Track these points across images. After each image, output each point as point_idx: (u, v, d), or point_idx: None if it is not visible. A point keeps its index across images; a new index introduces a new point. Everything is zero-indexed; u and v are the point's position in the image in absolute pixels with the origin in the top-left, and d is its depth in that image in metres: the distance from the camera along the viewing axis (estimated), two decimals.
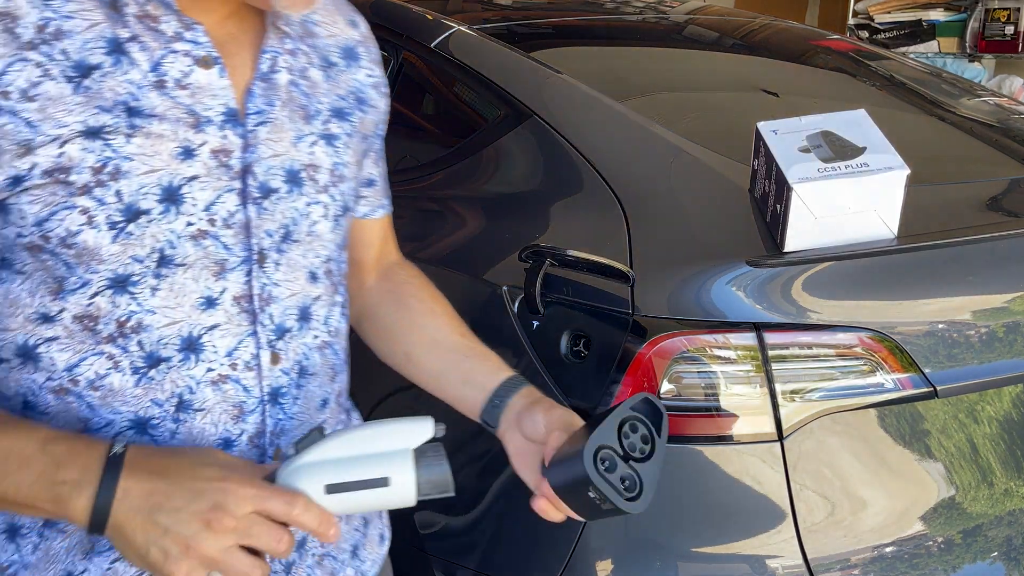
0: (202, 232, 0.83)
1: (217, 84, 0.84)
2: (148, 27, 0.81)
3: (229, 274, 0.86)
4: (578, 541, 1.30)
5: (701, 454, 1.28)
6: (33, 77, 0.76)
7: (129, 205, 0.79)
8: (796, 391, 1.28)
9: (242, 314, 0.87)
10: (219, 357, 0.87)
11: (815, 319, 1.29)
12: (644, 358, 1.27)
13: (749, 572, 1.27)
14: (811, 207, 1.26)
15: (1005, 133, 1.97)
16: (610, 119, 1.63)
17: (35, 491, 0.75)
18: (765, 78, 2.09)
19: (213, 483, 0.75)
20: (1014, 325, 1.38)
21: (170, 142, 0.81)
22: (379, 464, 0.79)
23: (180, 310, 0.84)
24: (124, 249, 0.80)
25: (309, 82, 0.94)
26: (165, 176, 0.81)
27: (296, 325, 0.92)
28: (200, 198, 0.83)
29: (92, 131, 0.78)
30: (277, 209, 0.88)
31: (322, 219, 0.93)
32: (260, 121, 0.87)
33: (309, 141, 0.92)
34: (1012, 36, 4.95)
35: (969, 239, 1.37)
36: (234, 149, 0.85)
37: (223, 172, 0.84)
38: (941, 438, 1.34)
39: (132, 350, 0.83)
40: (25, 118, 0.76)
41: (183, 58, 0.82)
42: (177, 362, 0.85)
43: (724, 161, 1.51)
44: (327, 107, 0.95)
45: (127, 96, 0.80)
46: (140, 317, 0.83)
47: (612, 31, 2.26)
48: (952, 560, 1.33)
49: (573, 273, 1.40)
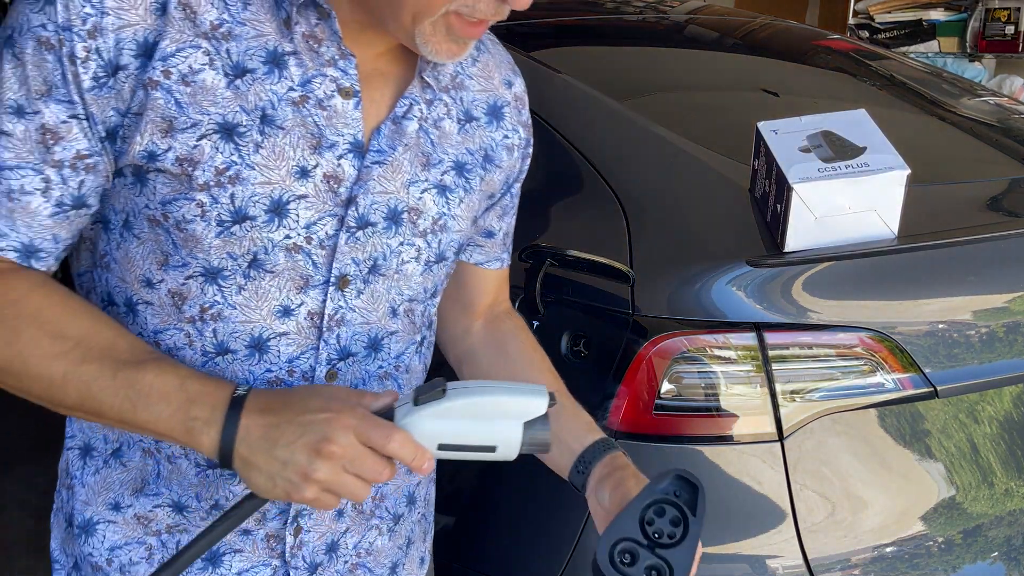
0: (297, 247, 0.90)
1: (351, 115, 0.89)
2: (310, 47, 0.87)
3: (310, 290, 0.92)
4: (578, 541, 1.30)
5: (701, 454, 1.28)
6: (196, 64, 0.83)
7: (239, 209, 0.86)
8: (796, 391, 1.28)
9: (312, 329, 0.94)
10: (280, 361, 0.93)
11: (815, 319, 1.29)
12: (644, 358, 1.27)
13: (749, 572, 1.27)
14: (811, 207, 1.26)
15: (1005, 133, 1.96)
16: (610, 119, 1.63)
17: (172, 424, 0.82)
18: (765, 78, 2.09)
19: (319, 415, 0.81)
20: (1014, 325, 1.38)
21: (290, 160, 0.87)
22: (491, 432, 0.82)
23: (258, 312, 0.91)
24: (224, 245, 0.87)
25: (439, 132, 0.97)
26: (277, 190, 0.87)
27: (363, 352, 0.97)
28: (303, 216, 0.89)
29: (228, 127, 0.84)
30: (370, 242, 0.93)
31: (412, 260, 0.97)
32: (378, 160, 0.92)
33: (421, 187, 0.96)
34: (1012, 36, 4.95)
35: (969, 239, 1.37)
36: (345, 179, 0.90)
37: (330, 197, 0.90)
38: (941, 438, 1.34)
39: (206, 335, 0.91)
40: (176, 98, 0.82)
41: (329, 83, 0.88)
42: (242, 356, 0.92)
43: (724, 161, 1.51)
44: (451, 159, 0.98)
45: (267, 103, 0.86)
46: (221, 308, 0.90)
47: (612, 31, 2.26)
48: (952, 560, 1.33)
49: (573, 273, 1.40)
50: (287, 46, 0.86)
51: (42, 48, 0.80)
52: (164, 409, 0.82)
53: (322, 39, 0.87)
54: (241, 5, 0.85)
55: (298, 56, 0.87)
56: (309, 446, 0.80)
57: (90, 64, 0.80)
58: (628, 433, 1.28)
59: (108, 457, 0.99)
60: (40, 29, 0.80)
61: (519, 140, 1.06)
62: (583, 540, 1.30)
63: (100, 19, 0.80)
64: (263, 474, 0.81)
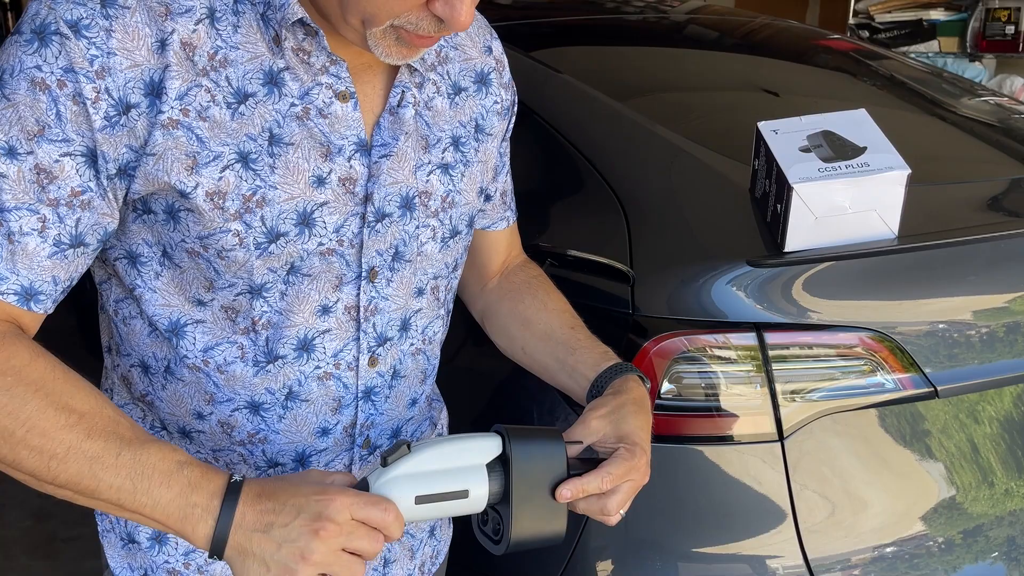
0: (330, 251, 0.94)
1: (351, 116, 0.92)
2: (301, 60, 0.90)
3: (345, 287, 0.97)
4: (578, 541, 1.30)
5: (701, 454, 1.28)
6: (204, 102, 0.86)
7: (271, 229, 0.90)
8: (796, 391, 1.28)
9: (351, 322, 0.99)
10: (327, 357, 0.99)
11: (815, 319, 1.29)
12: (644, 358, 1.27)
13: (749, 572, 1.27)
14: (811, 207, 1.26)
15: (1005, 133, 1.96)
16: (610, 119, 1.63)
17: (169, 510, 0.81)
18: (765, 78, 2.09)
19: (313, 497, 0.82)
20: (1014, 325, 1.38)
21: (304, 172, 0.91)
22: (459, 478, 0.88)
23: (300, 315, 0.96)
24: (264, 263, 0.92)
25: (433, 112, 1.01)
26: (300, 203, 0.91)
27: (397, 335, 1.03)
28: (329, 222, 0.93)
29: (243, 156, 0.88)
30: (389, 232, 0.98)
31: (430, 240, 1.02)
32: (384, 154, 0.95)
33: (427, 171, 1.00)
34: (1013, 36, 4.95)
35: (969, 239, 1.37)
36: (359, 178, 0.94)
37: (349, 199, 0.94)
38: (942, 438, 1.34)
39: (259, 344, 0.96)
40: (198, 134, 0.86)
41: (326, 90, 0.91)
42: (291, 360, 0.97)
43: (724, 161, 1.51)
44: (448, 135, 1.03)
45: (272, 123, 0.89)
46: (270, 317, 0.95)
47: (612, 31, 2.26)
48: (952, 560, 1.33)
49: (573, 273, 1.40)
50: (280, 63, 0.89)
51: (36, 89, 0.80)
52: (164, 494, 0.81)
53: (310, 50, 0.90)
54: (232, 29, 0.87)
55: (292, 71, 0.89)
56: (306, 526, 0.81)
57: (101, 104, 0.82)
58: None
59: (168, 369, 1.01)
60: (35, 71, 0.80)
61: (505, 102, 1.10)
62: (583, 540, 1.30)
63: (107, 59, 0.81)
64: (257, 560, 0.81)
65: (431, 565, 1.20)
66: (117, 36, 0.82)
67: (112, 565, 1.06)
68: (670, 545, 1.28)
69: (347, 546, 0.82)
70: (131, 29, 0.82)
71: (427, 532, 1.17)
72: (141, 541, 1.03)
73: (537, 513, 0.90)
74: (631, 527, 1.28)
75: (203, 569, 1.04)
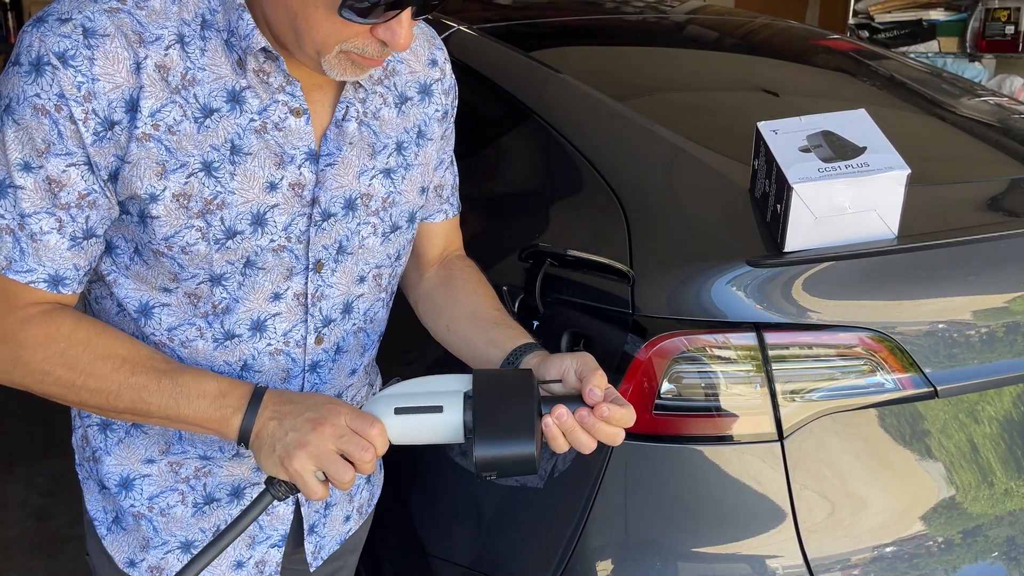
0: (281, 247, 1.08)
1: (303, 130, 1.06)
2: (261, 80, 1.03)
3: (294, 277, 1.12)
4: (577, 540, 1.30)
5: (701, 454, 1.28)
6: (176, 117, 0.99)
7: (229, 228, 1.04)
8: (796, 391, 1.28)
9: (299, 307, 1.14)
10: (277, 335, 1.14)
11: (815, 319, 1.29)
12: (644, 358, 1.27)
13: (749, 572, 1.27)
14: (811, 207, 1.26)
15: (1005, 133, 1.96)
16: (610, 119, 1.63)
17: (208, 413, 1.02)
18: (765, 78, 2.09)
19: (321, 403, 1.01)
20: (1014, 325, 1.38)
21: (260, 178, 1.04)
22: (435, 399, 1.01)
23: (254, 301, 1.11)
24: (223, 256, 1.05)
25: (380, 121, 1.14)
26: (255, 205, 1.05)
27: (340, 317, 1.18)
28: (279, 221, 1.07)
29: (207, 164, 1.01)
30: (333, 229, 1.11)
31: (371, 235, 1.16)
32: (329, 162, 1.09)
33: (370, 175, 1.13)
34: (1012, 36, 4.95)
35: (969, 239, 1.37)
36: (307, 184, 1.08)
37: (297, 201, 1.07)
38: (941, 438, 1.34)
39: (215, 327, 1.10)
40: (167, 146, 0.99)
41: (281, 107, 1.04)
42: (246, 338, 1.12)
43: (724, 161, 1.51)
44: (393, 141, 1.16)
45: (234, 135, 1.02)
46: (228, 303, 1.09)
47: (612, 31, 2.26)
48: (952, 560, 1.33)
49: (573, 273, 1.40)
50: (242, 82, 1.02)
51: (38, 113, 0.95)
52: (201, 403, 1.01)
53: (270, 72, 1.02)
54: (199, 52, 1.00)
55: (253, 89, 1.02)
56: (309, 421, 0.99)
57: (89, 123, 0.95)
58: (628, 433, 1.28)
59: (129, 428, 1.18)
60: (35, 98, 0.94)
61: (445, 107, 1.23)
62: (582, 539, 1.30)
63: (92, 85, 0.94)
64: (268, 443, 1.00)
65: (367, 507, 1.39)
66: (99, 63, 0.94)
67: (89, 508, 1.23)
68: (670, 545, 1.28)
69: (340, 447, 0.98)
70: (111, 55, 0.95)
71: (364, 478, 1.35)
72: (111, 487, 1.19)
73: (502, 435, 0.96)
74: (631, 527, 1.28)
75: (165, 512, 1.19)
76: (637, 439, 1.27)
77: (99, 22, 0.95)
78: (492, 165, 1.72)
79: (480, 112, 1.81)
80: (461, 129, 1.32)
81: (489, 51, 1.84)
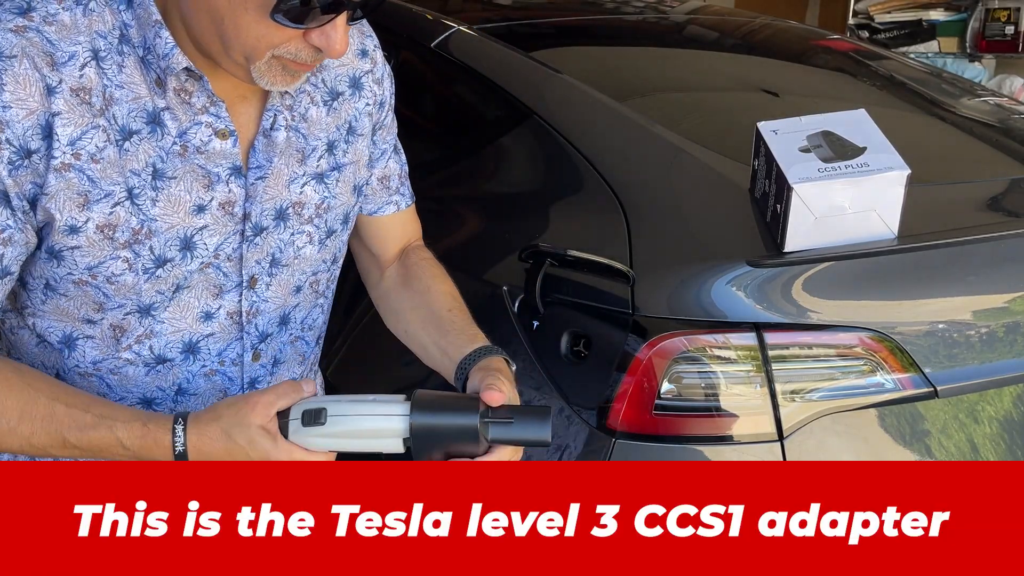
0: (207, 264, 1.02)
1: (229, 151, 1.00)
2: (182, 100, 0.96)
3: (226, 295, 1.05)
4: None
5: (701, 454, 1.28)
6: (99, 143, 0.92)
7: (159, 256, 0.98)
8: (796, 391, 1.28)
9: (233, 325, 1.08)
10: (212, 357, 1.08)
11: (815, 319, 1.29)
12: (644, 358, 1.27)
13: None
14: (811, 207, 1.26)
15: (1005, 133, 1.96)
16: (610, 119, 1.63)
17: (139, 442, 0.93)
18: (765, 78, 2.09)
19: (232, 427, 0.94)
20: (1014, 325, 1.38)
21: (186, 202, 0.98)
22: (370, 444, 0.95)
23: (184, 322, 1.04)
24: (152, 285, 1.00)
25: (308, 123, 1.07)
26: (182, 230, 0.99)
27: (277, 330, 1.13)
28: (210, 243, 1.01)
29: (130, 192, 0.95)
30: (265, 242, 1.05)
31: (307, 244, 1.10)
32: (260, 175, 1.03)
33: (301, 183, 1.07)
34: (1012, 36, 4.95)
35: (969, 239, 1.37)
36: (237, 200, 1.02)
37: (228, 220, 1.02)
38: (941, 438, 1.34)
39: (144, 354, 1.05)
40: (89, 175, 0.93)
41: (205, 129, 0.98)
42: (179, 362, 1.06)
43: (724, 161, 1.51)
44: (323, 142, 1.09)
45: (156, 158, 0.96)
46: (154, 327, 1.03)
47: (612, 31, 2.26)
48: None
49: (573, 273, 1.40)
50: (161, 103, 0.95)
51: None
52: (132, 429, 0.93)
53: (192, 91, 0.96)
54: (116, 68, 0.93)
55: (171, 111, 0.96)
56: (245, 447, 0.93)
57: (3, 153, 0.88)
58: (628, 433, 1.28)
59: None
60: None
61: (379, 98, 1.15)
62: None
63: (4, 113, 0.87)
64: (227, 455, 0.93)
65: None
66: (9, 88, 0.87)
67: None
68: None
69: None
70: (21, 78, 0.88)
71: (315, 339, 1.24)
72: (52, 343, 1.07)
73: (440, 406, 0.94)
74: None
75: (116, 370, 1.07)
76: (637, 439, 1.27)
77: (4, 43, 0.87)
78: (492, 165, 1.72)
79: (480, 112, 1.81)
80: (462, 129, 1.32)
81: (489, 51, 1.83)
